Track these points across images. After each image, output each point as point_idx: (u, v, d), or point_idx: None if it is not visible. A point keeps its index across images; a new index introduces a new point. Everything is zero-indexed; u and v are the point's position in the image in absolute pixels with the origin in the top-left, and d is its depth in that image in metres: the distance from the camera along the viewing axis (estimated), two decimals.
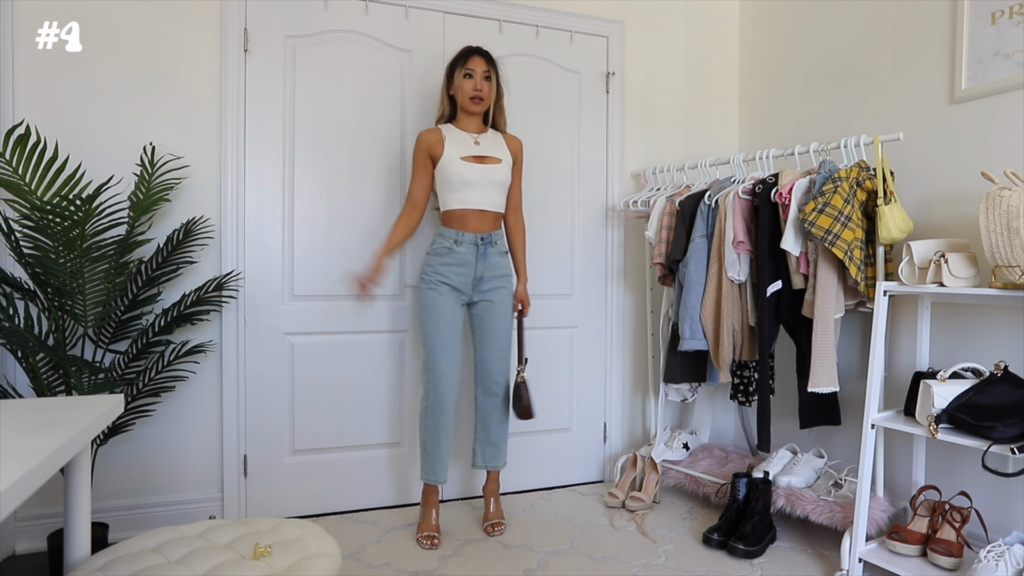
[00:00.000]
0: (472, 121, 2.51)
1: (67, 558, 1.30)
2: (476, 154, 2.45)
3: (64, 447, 1.01)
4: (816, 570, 2.28)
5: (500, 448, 2.62)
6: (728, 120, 3.41)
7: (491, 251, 2.50)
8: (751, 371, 2.72)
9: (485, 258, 2.49)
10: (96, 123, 2.43)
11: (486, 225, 2.49)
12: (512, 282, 2.60)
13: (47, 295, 2.15)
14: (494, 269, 2.52)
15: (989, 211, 1.85)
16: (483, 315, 2.54)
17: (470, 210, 2.46)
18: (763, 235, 2.43)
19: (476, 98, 2.44)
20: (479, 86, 2.43)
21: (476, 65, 2.44)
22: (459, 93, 2.46)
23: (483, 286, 2.51)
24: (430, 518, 2.50)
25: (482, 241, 2.48)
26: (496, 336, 2.54)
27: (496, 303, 2.53)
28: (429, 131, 2.49)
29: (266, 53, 2.63)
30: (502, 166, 2.49)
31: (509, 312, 2.57)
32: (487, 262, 2.50)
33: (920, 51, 2.49)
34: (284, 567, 1.27)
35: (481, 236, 2.48)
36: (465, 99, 2.45)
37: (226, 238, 2.58)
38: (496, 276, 2.53)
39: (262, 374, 2.65)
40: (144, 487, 2.53)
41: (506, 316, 2.56)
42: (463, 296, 2.50)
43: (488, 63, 2.46)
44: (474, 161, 2.44)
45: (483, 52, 2.46)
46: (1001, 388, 1.93)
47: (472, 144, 2.47)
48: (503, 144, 2.55)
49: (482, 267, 2.49)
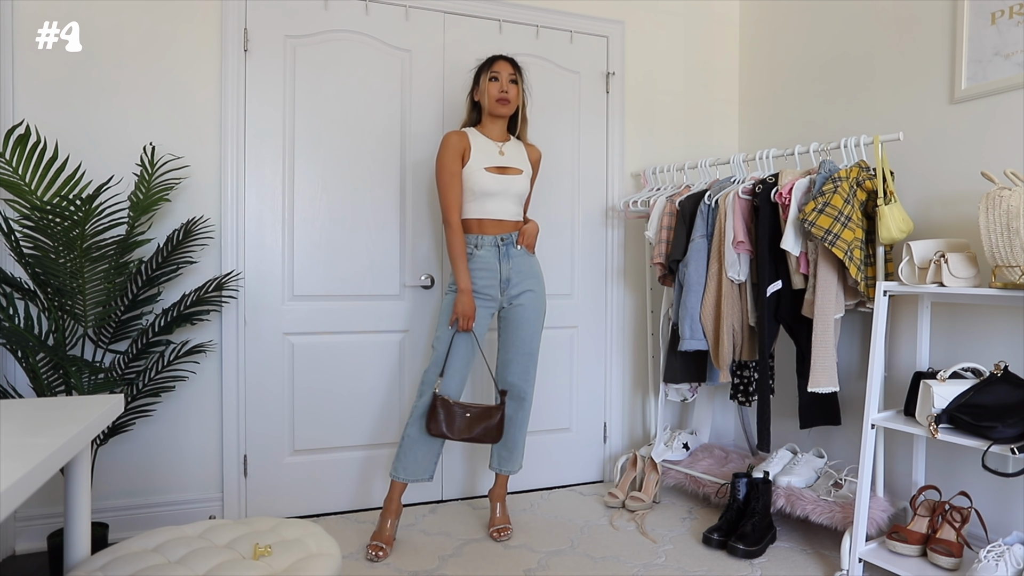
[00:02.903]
0: (496, 127, 2.48)
1: (67, 558, 1.30)
2: (499, 165, 2.43)
3: (64, 447, 1.01)
4: (816, 570, 2.28)
5: (516, 453, 2.58)
6: (728, 120, 3.41)
7: (513, 251, 2.46)
8: (751, 371, 2.71)
9: (508, 259, 2.45)
10: (96, 123, 2.43)
11: (505, 229, 2.46)
12: (543, 285, 2.54)
13: (47, 295, 2.15)
14: (521, 269, 2.47)
15: (989, 211, 1.85)
16: (511, 318, 2.49)
17: (488, 219, 2.43)
18: (763, 235, 2.43)
19: (503, 100, 2.41)
20: (505, 87, 2.41)
21: (502, 68, 2.43)
22: (485, 97, 2.44)
23: (511, 290, 2.46)
24: (384, 526, 2.40)
25: (502, 242, 2.44)
26: (523, 341, 2.49)
27: (526, 306, 2.48)
28: (457, 133, 2.41)
29: (266, 53, 2.63)
30: (522, 177, 2.47)
31: (539, 317, 2.51)
32: (511, 263, 2.45)
33: (920, 51, 2.49)
34: (284, 567, 1.27)
35: (501, 237, 2.44)
36: (491, 101, 2.42)
37: (226, 238, 2.58)
38: (524, 278, 2.47)
39: (262, 374, 2.65)
40: (144, 487, 2.53)
41: (535, 321, 2.50)
42: (492, 304, 2.45)
43: (514, 68, 2.45)
44: (497, 172, 2.41)
45: (509, 58, 2.46)
46: (1001, 388, 1.93)
47: (497, 154, 2.44)
48: (524, 154, 2.52)
49: (507, 268, 2.45)
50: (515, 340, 2.49)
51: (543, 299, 2.53)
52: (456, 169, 2.39)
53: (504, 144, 2.48)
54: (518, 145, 2.53)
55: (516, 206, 2.48)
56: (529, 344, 2.50)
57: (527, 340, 2.50)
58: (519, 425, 2.56)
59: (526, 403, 2.55)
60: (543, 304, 2.53)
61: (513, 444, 2.57)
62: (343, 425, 2.77)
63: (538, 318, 2.51)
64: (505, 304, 2.49)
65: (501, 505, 2.60)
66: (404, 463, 2.42)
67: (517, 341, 2.49)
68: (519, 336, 2.49)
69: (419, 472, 2.43)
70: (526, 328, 2.49)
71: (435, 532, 2.58)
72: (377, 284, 2.80)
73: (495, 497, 2.61)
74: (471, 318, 2.36)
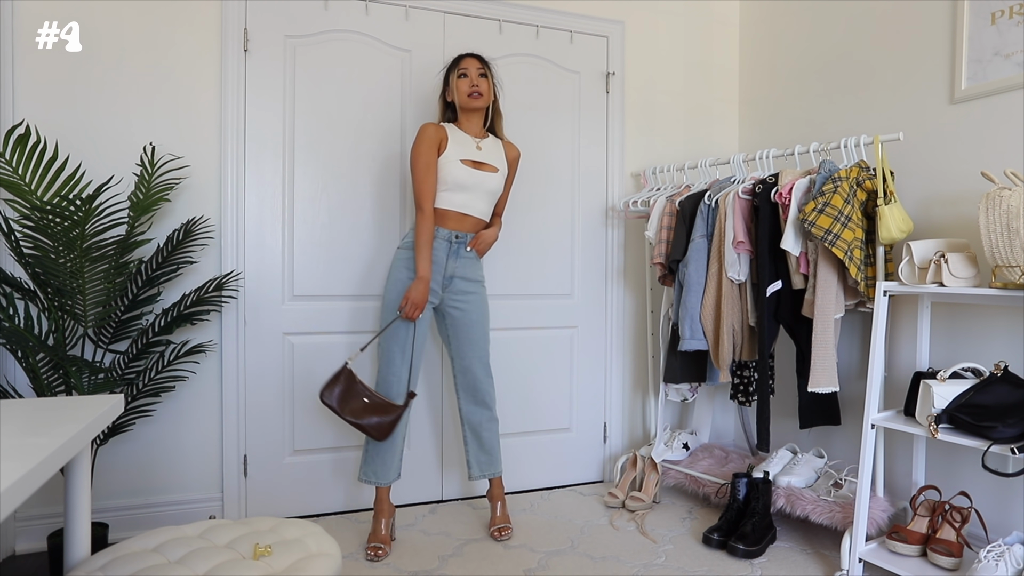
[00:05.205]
0: (473, 123, 2.48)
1: (67, 558, 1.30)
2: (476, 159, 2.43)
3: (64, 447, 1.01)
4: (816, 570, 2.28)
5: (494, 454, 2.57)
6: (728, 120, 3.41)
7: (463, 252, 2.44)
8: (751, 371, 2.71)
9: (457, 257, 2.43)
10: (96, 123, 2.43)
11: (465, 226, 2.44)
12: (485, 288, 2.52)
13: (47, 295, 2.15)
14: (466, 271, 2.46)
15: (989, 211, 1.85)
16: (459, 320, 2.47)
17: (453, 211, 2.42)
18: (763, 235, 2.43)
19: (474, 93, 2.41)
20: (475, 82, 2.42)
21: (470, 64, 2.43)
22: (456, 95, 2.44)
23: (453, 287, 2.45)
24: (379, 527, 2.41)
25: (456, 239, 2.42)
26: (476, 344, 2.48)
27: (473, 309, 2.48)
28: (434, 125, 2.39)
29: (266, 53, 2.63)
30: (497, 176, 2.46)
31: (486, 317, 2.51)
32: (458, 261, 2.44)
33: (920, 51, 2.49)
34: (284, 567, 1.27)
35: (456, 234, 2.42)
36: (463, 97, 2.42)
37: (226, 238, 2.58)
38: (468, 280, 2.47)
39: (262, 374, 2.65)
40: (144, 487, 2.53)
41: (484, 321, 2.50)
42: (433, 298, 2.43)
43: (482, 63, 2.45)
44: (472, 166, 2.41)
45: (475, 54, 2.46)
46: (1001, 388, 1.93)
47: (475, 148, 2.44)
48: (502, 153, 2.52)
49: (452, 266, 2.43)
50: (469, 343, 2.48)
51: (487, 300, 2.53)
52: (432, 160, 2.36)
53: (482, 140, 2.48)
54: (496, 143, 2.52)
55: (486, 204, 2.47)
56: (484, 347, 2.51)
57: (480, 343, 2.50)
58: (489, 427, 2.55)
59: (493, 408, 2.55)
60: (487, 305, 2.53)
61: (491, 446, 2.56)
62: (343, 425, 2.77)
63: (486, 319, 2.52)
64: (447, 302, 2.46)
65: (501, 505, 2.60)
66: (373, 466, 2.42)
67: (472, 343, 2.48)
68: (471, 339, 2.48)
69: (389, 474, 2.42)
70: (477, 330, 2.49)
71: (435, 532, 2.58)
72: (377, 284, 2.80)
73: (494, 497, 2.60)
74: (421, 308, 2.32)
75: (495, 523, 2.56)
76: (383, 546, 2.36)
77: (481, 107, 2.46)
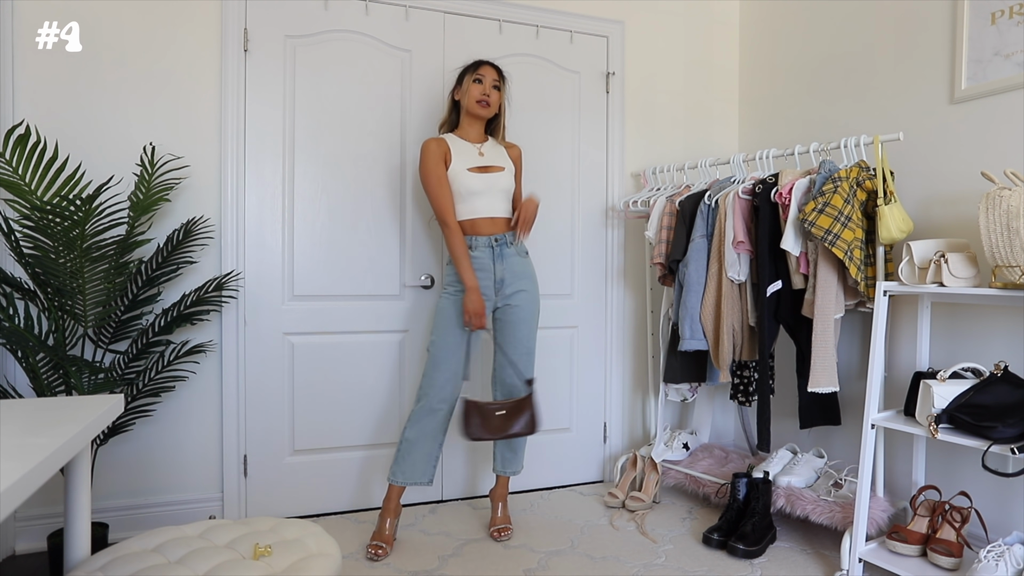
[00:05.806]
0: (474, 129, 2.50)
1: (67, 558, 1.30)
2: (481, 164, 2.45)
3: (64, 447, 1.01)
4: (816, 570, 2.27)
5: (519, 453, 2.60)
6: (728, 120, 3.41)
7: (507, 251, 2.46)
8: (751, 371, 2.71)
9: (503, 259, 2.45)
10: (96, 123, 2.43)
11: (498, 228, 2.46)
12: (536, 285, 2.54)
13: (47, 295, 2.15)
14: (515, 270, 2.47)
15: (989, 211, 1.85)
16: (506, 319, 2.49)
17: (480, 218, 2.44)
18: (763, 235, 2.43)
19: (483, 102, 2.43)
20: (487, 91, 2.45)
21: (487, 73, 2.45)
22: (466, 96, 2.45)
23: (506, 290, 2.47)
24: (384, 527, 2.42)
25: (496, 242, 2.45)
26: (521, 341, 2.50)
27: (521, 306, 2.48)
28: (435, 140, 2.44)
29: (266, 53, 2.63)
30: (506, 174, 2.48)
31: (534, 316, 2.52)
32: (505, 263, 2.46)
33: (920, 51, 2.49)
34: (284, 567, 1.27)
35: (495, 237, 2.45)
36: (471, 101, 2.44)
37: (226, 238, 2.58)
38: (518, 278, 2.48)
39: (262, 374, 2.65)
40: (144, 487, 2.53)
41: (532, 320, 2.51)
42: (488, 304, 2.44)
43: (499, 75, 2.48)
44: (479, 171, 2.43)
45: (496, 65, 2.49)
46: (1001, 388, 1.93)
47: (477, 155, 2.46)
48: (504, 153, 2.54)
49: (501, 269, 2.45)
50: (513, 341, 2.49)
51: (537, 298, 2.53)
52: (441, 172, 2.41)
53: (482, 145, 2.50)
54: (495, 145, 2.55)
55: (504, 203, 2.49)
56: (527, 344, 2.51)
57: (524, 340, 2.50)
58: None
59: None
60: (537, 303, 2.53)
61: (517, 445, 2.59)
62: (343, 425, 2.77)
63: (534, 317, 2.52)
64: (499, 304, 2.49)
65: (502, 505, 2.60)
66: (402, 466, 2.42)
67: (515, 342, 2.49)
68: (516, 336, 2.50)
69: (417, 475, 2.43)
70: (523, 328, 2.50)
71: (435, 532, 2.58)
72: (377, 284, 2.80)
73: (496, 497, 2.61)
74: (482, 315, 2.36)
75: (495, 523, 2.56)
76: (384, 545, 2.37)
77: (486, 117, 2.49)
